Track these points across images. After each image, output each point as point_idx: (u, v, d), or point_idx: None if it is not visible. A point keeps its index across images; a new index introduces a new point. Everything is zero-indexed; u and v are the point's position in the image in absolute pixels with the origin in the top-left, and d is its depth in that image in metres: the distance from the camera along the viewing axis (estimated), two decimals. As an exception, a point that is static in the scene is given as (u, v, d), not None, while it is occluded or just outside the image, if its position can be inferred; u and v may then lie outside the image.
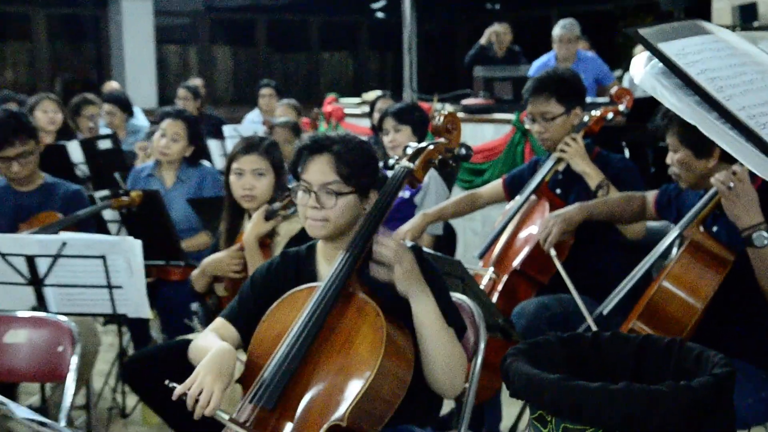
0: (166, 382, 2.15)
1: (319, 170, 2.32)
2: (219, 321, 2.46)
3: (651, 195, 3.30)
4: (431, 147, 2.44)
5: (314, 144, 2.35)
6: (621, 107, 3.74)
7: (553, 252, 3.27)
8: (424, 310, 2.22)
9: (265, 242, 3.24)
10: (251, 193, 3.28)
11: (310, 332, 2.20)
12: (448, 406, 3.85)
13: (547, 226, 3.29)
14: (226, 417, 2.10)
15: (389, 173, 2.43)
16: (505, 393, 3.77)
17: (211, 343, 2.29)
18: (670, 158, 2.98)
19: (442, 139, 2.48)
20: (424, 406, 2.35)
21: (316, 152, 2.34)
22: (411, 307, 2.23)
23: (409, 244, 2.33)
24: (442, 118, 2.47)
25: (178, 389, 2.13)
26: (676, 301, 2.76)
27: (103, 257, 3.13)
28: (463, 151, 2.45)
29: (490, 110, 6.40)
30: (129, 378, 3.26)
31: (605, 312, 3.08)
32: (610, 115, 3.69)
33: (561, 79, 3.60)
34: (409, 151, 2.45)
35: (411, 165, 2.40)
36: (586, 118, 3.66)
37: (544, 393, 1.68)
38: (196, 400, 2.11)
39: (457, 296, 2.62)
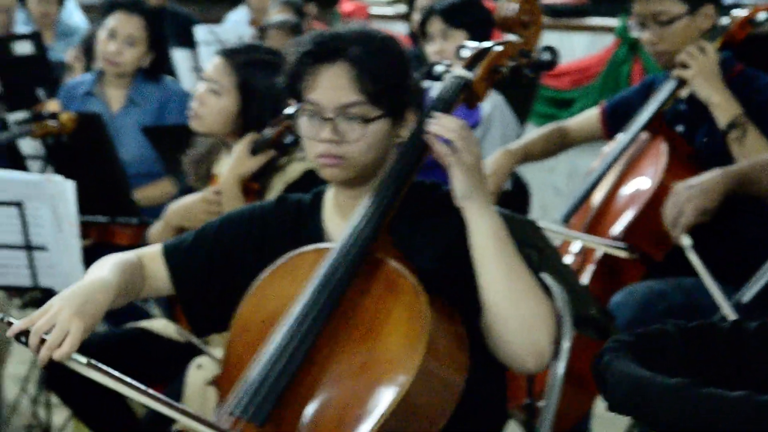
0: (1, 316, 2.20)
1: (334, 86, 2.31)
2: (155, 248, 2.52)
3: None
4: (498, 48, 2.42)
5: (321, 47, 2.33)
6: (779, 4, 3.71)
7: (686, 241, 3.23)
8: (488, 225, 2.23)
9: (252, 188, 3.27)
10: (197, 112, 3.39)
11: (319, 315, 2.21)
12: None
13: (678, 202, 3.25)
14: (84, 361, 2.14)
15: (435, 86, 2.42)
16: (597, 416, 3.77)
17: (95, 273, 2.33)
18: None
19: (514, 37, 2.45)
20: (481, 426, 2.35)
21: (325, 60, 2.32)
22: (468, 227, 2.23)
23: None
24: (516, 6, 2.44)
25: (18, 324, 2.17)
26: None
27: (19, 204, 3.16)
28: (547, 55, 2.43)
29: (583, 12, 6.39)
30: (55, 384, 3.29)
31: (745, 299, 3.08)
32: (761, 16, 3.67)
33: None
34: (466, 53, 2.44)
35: (469, 74, 2.38)
36: (725, 20, 3.63)
37: (658, 405, 1.68)
38: (43, 341, 2.14)
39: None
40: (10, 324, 2.18)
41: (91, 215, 4.09)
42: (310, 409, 2.16)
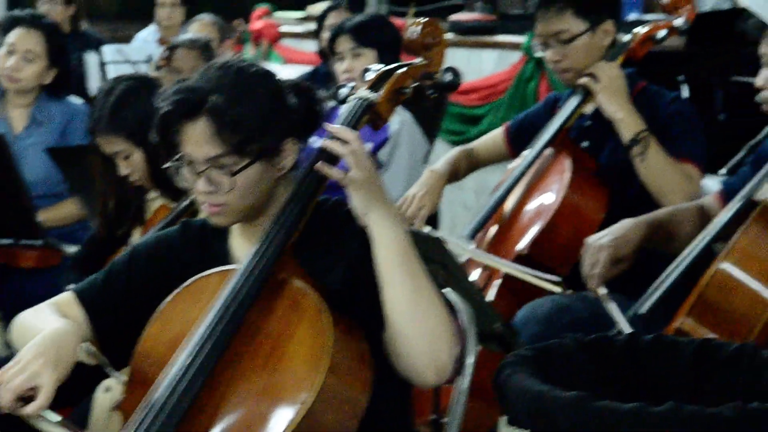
0: None
1: (198, 141, 2.29)
2: (65, 296, 2.48)
3: (711, 198, 3.30)
4: (402, 70, 2.44)
5: (180, 105, 2.29)
6: (677, 22, 3.73)
7: (602, 290, 3.18)
8: (391, 239, 2.24)
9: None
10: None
11: (222, 337, 2.20)
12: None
13: (591, 254, 3.18)
14: (57, 419, 2.12)
15: (341, 108, 2.43)
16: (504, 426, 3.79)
17: (48, 321, 2.31)
18: (763, 78, 2.99)
19: (418, 59, 2.48)
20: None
21: (186, 117, 2.29)
22: (372, 241, 2.25)
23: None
24: (419, 29, 2.47)
25: None
26: (741, 289, 2.79)
27: None
28: (449, 76, 2.45)
29: (491, 30, 6.41)
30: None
31: (642, 310, 3.10)
32: (661, 33, 3.70)
33: None
34: (371, 75, 2.46)
35: (373, 96, 2.39)
36: (627, 37, 3.68)
37: (557, 418, 1.70)
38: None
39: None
40: None
41: (-6, 237, 4.05)
42: (212, 431, 2.15)
